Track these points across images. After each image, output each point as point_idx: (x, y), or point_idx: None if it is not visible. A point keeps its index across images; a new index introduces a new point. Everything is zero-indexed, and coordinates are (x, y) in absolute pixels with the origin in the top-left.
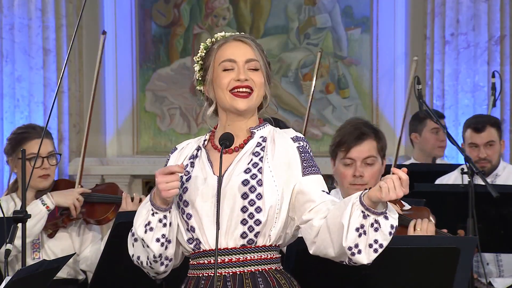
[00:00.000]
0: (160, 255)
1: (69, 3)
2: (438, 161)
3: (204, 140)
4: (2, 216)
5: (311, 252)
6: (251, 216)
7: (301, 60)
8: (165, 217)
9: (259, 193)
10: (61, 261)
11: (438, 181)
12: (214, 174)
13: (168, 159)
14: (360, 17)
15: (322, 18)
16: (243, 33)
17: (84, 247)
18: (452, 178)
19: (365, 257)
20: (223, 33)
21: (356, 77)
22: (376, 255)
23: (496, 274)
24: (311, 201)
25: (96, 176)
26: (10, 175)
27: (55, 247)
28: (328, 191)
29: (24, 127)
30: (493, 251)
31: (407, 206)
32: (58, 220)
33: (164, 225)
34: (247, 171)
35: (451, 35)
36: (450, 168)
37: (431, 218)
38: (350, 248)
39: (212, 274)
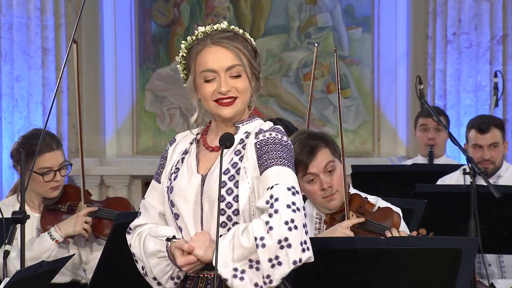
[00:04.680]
0: None
1: (68, 3)
2: (442, 161)
3: (197, 134)
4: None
5: None
6: (229, 218)
7: (302, 60)
8: None
9: (236, 195)
10: (61, 262)
11: (440, 181)
12: (198, 173)
13: (167, 151)
14: (361, 16)
15: (323, 17)
16: (222, 27)
17: (93, 256)
18: (454, 178)
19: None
20: (203, 29)
21: (357, 77)
22: None
23: (498, 275)
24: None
25: (95, 177)
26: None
27: (62, 255)
28: (277, 182)
29: (35, 136)
30: (495, 252)
31: (375, 208)
32: None
33: None
34: (226, 172)
35: (453, 35)
36: (451, 168)
37: (395, 217)
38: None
39: (196, 275)
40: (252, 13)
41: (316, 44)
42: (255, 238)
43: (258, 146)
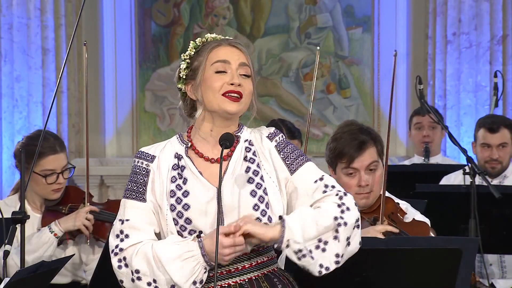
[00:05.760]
0: None
1: (68, 3)
2: (438, 160)
3: (186, 148)
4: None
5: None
6: None
7: (302, 60)
8: None
9: (267, 202)
10: (61, 262)
11: (445, 178)
12: (211, 185)
13: (146, 168)
14: (361, 16)
15: (323, 17)
16: (235, 39)
17: (93, 257)
18: (460, 177)
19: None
20: (214, 35)
21: (357, 77)
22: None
23: (499, 275)
24: (306, 200)
25: (95, 177)
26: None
27: (61, 256)
28: (322, 174)
29: (37, 137)
30: (495, 252)
31: (406, 216)
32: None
33: None
34: (250, 180)
35: (453, 35)
36: (451, 168)
37: (431, 233)
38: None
39: (226, 285)
40: (252, 13)
41: (318, 48)
42: (335, 218)
43: (279, 149)
